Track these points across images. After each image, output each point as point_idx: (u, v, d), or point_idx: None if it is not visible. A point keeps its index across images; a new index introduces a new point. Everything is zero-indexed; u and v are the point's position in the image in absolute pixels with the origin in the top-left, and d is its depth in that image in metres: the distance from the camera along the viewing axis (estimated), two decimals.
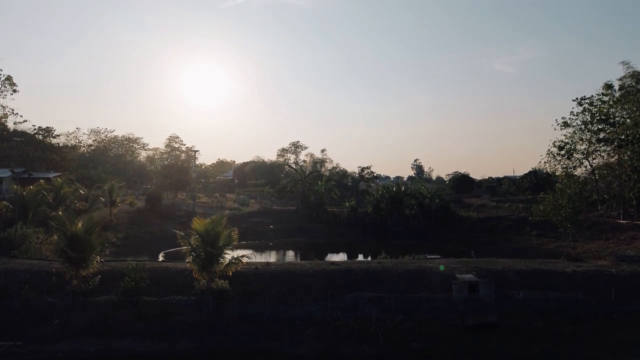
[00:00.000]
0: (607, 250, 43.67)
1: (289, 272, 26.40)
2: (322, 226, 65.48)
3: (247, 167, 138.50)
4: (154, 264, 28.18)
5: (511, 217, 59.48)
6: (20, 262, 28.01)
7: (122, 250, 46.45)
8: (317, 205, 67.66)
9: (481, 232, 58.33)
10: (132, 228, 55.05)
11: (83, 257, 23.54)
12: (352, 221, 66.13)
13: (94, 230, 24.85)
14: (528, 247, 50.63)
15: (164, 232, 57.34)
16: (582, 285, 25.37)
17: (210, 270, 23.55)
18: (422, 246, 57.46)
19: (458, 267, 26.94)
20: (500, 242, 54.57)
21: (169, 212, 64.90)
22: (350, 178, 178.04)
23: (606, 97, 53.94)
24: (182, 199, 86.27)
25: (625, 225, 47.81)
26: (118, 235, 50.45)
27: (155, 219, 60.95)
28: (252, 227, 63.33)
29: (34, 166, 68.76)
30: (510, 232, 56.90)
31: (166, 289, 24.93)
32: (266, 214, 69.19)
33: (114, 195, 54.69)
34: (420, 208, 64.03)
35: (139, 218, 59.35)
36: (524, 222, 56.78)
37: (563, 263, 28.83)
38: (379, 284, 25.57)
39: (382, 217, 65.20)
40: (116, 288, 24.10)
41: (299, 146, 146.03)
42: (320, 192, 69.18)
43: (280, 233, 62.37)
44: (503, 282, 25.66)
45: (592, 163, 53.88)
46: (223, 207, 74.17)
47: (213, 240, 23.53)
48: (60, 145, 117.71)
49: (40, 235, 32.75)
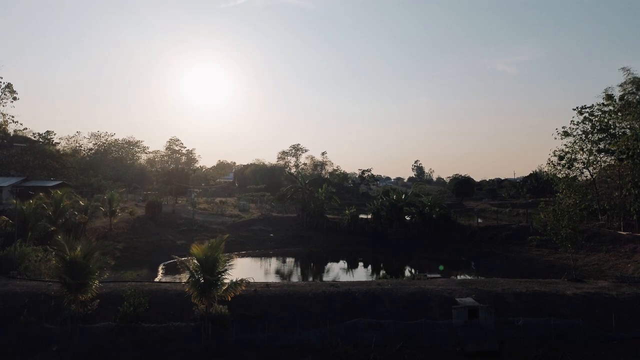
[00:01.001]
0: (607, 264, 43.65)
1: (288, 295, 26.30)
2: (322, 234, 65.49)
3: (248, 170, 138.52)
4: (153, 285, 28.08)
5: (511, 227, 59.34)
6: (20, 283, 27.95)
7: (122, 262, 46.53)
8: (317, 213, 67.62)
9: (481, 242, 58.21)
10: (132, 238, 55.00)
11: (81, 283, 23.46)
12: (352, 229, 66.13)
13: (93, 255, 24.75)
14: (528, 258, 50.55)
15: (163, 242, 57.44)
16: (582, 310, 25.27)
17: (209, 295, 23.46)
18: (422, 256, 57.55)
19: (458, 290, 26.84)
20: (500, 252, 54.49)
21: (169, 220, 64.87)
22: (350, 181, 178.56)
23: (607, 107, 53.84)
24: (182, 204, 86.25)
25: (625, 237, 47.66)
26: (118, 246, 50.44)
27: (156, 228, 60.95)
28: (252, 236, 63.35)
29: (35, 173, 68.80)
30: (510, 241, 56.76)
31: (165, 313, 24.85)
32: (266, 222, 69.14)
33: (114, 205, 54.62)
34: (420, 216, 63.92)
35: (139, 227, 59.32)
36: (524, 232, 56.64)
37: (563, 284, 28.71)
38: (378, 307, 25.48)
39: (382, 225, 65.17)
40: (115, 313, 24.02)
41: (300, 149, 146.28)
42: (320, 200, 69.10)
43: (280, 242, 62.32)
44: (503, 305, 25.56)
45: (592, 173, 53.63)
46: (223, 214, 74.15)
47: (211, 267, 23.42)
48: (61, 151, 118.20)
49: (40, 253, 32.64)
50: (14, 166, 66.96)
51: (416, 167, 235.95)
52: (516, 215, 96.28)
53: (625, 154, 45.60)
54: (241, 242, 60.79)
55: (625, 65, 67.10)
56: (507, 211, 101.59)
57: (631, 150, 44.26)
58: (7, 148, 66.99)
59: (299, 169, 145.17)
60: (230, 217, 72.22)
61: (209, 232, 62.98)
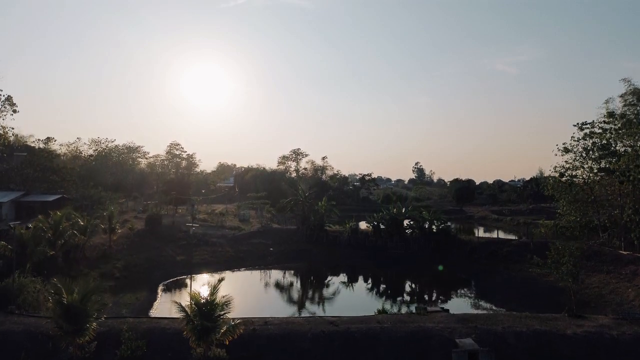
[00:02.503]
0: (608, 287, 43.44)
1: (286, 334, 26.16)
2: (322, 248, 65.40)
3: (248, 175, 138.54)
4: (152, 322, 27.96)
5: (512, 243, 59.19)
6: (17, 319, 27.83)
7: (121, 283, 46.52)
8: (318, 227, 67.52)
9: (481, 258, 57.99)
10: (131, 254, 54.93)
11: (79, 327, 23.36)
12: (352, 242, 65.99)
13: (91, 298, 24.61)
14: (529, 277, 50.19)
15: (163, 257, 57.43)
16: (583, 351, 25.16)
17: (207, 340, 23.33)
18: (422, 274, 57.52)
19: (458, 328, 26.70)
20: (501, 269, 54.29)
21: (169, 234, 64.76)
22: (351, 185, 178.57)
23: (608, 124, 53.62)
24: (182, 214, 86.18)
25: (626, 257, 47.42)
26: (117, 264, 50.45)
27: (155, 242, 60.84)
28: (252, 250, 63.29)
29: (35, 186, 68.73)
30: (510, 258, 56.45)
31: (163, 355, 24.75)
32: (266, 234, 69.03)
33: (113, 222, 54.54)
34: (420, 231, 63.77)
35: (138, 242, 59.24)
36: (524, 249, 56.43)
37: (564, 320, 28.56)
38: (378, 348, 25.38)
39: (382, 238, 65.06)
40: (113, 356, 23.93)
41: (300, 153, 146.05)
42: (320, 213, 68.98)
43: (280, 257, 62.24)
44: (503, 346, 25.43)
45: (593, 191, 53.37)
46: (223, 226, 74.09)
47: (209, 312, 23.29)
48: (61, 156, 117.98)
49: (38, 285, 32.52)
50: (14, 179, 66.82)
51: (417, 169, 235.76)
52: (516, 225, 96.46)
53: (625, 176, 45.37)
54: (241, 258, 60.77)
55: (625, 63, 67.69)
56: (508, 220, 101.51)
57: (632, 175, 44.02)
58: (7, 160, 66.78)
59: (299, 173, 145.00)
60: (230, 229, 72.13)
61: (209, 245, 63.06)
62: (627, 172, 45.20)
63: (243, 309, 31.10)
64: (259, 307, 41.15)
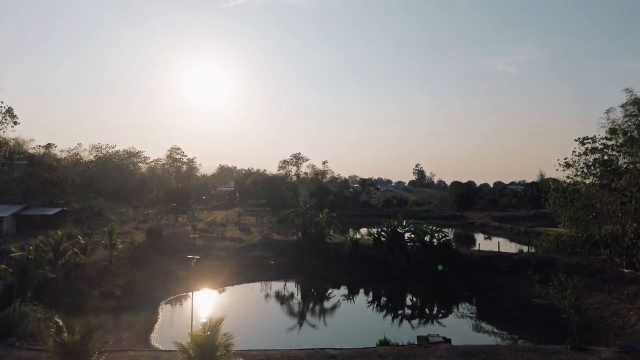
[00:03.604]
0: (609, 309, 43.27)
1: None
2: (323, 261, 65.31)
3: (249, 179, 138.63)
4: (152, 356, 27.93)
5: (512, 257, 59.05)
6: (18, 353, 27.78)
7: (122, 302, 46.35)
8: (318, 239, 67.49)
9: (482, 272, 57.92)
10: (132, 269, 54.71)
11: None
12: (352, 255, 65.90)
13: (92, 337, 24.49)
14: (531, 295, 49.88)
15: (164, 273, 57.33)
16: None
17: None
18: (424, 290, 57.67)
19: None
20: (502, 284, 54.24)
21: (169, 246, 64.75)
22: (352, 188, 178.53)
23: (610, 141, 53.41)
24: (182, 222, 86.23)
25: (628, 276, 47.28)
26: (118, 282, 50.23)
27: (156, 256, 60.75)
28: (252, 264, 63.29)
29: (35, 197, 68.68)
30: (512, 273, 56.33)
31: None
32: (267, 246, 69.01)
33: (114, 237, 54.46)
34: (421, 245, 63.70)
35: (139, 256, 59.02)
36: (526, 264, 56.39)
37: (566, 354, 28.46)
38: None
39: (383, 251, 64.99)
40: None
41: (301, 158, 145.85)
42: (321, 225, 68.93)
43: (280, 270, 62.26)
44: None
45: (595, 208, 53.16)
46: (224, 237, 74.06)
47: (211, 353, 23.17)
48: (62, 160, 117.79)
49: (39, 314, 32.45)
50: (14, 191, 66.77)
51: (417, 171, 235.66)
52: (517, 234, 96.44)
53: (627, 196, 45.18)
54: (242, 271, 60.77)
55: (625, 63, 67.27)
56: (509, 228, 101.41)
57: (634, 198, 43.84)
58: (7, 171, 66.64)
59: (300, 178, 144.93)
60: (231, 240, 72.13)
61: (210, 259, 63.02)
62: (628, 193, 45.02)
63: (243, 336, 30.99)
64: (260, 331, 41.18)
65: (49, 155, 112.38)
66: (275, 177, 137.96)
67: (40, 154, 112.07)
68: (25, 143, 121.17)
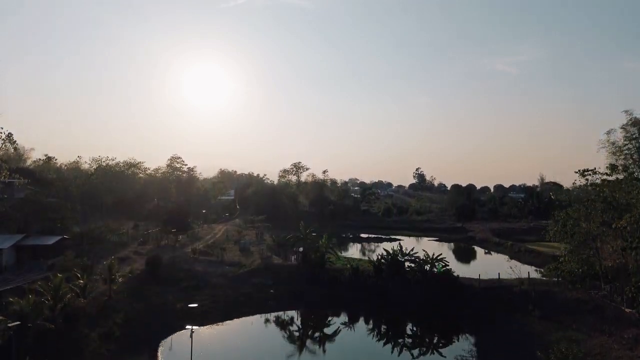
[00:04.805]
0: (610, 354, 43.02)
1: None
2: (323, 288, 65.16)
3: (249, 190, 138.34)
4: None
5: (513, 290, 59.03)
6: None
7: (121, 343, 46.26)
8: (318, 265, 67.49)
9: (482, 304, 57.86)
10: (131, 302, 54.71)
11: None
12: (353, 283, 65.79)
13: None
14: (531, 333, 49.92)
15: (163, 306, 57.26)
16: None
17: None
18: (423, 320, 57.92)
19: None
20: (502, 318, 54.32)
21: (169, 275, 64.68)
22: (352, 192, 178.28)
23: (610, 176, 53.13)
24: (183, 242, 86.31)
25: (629, 318, 47.10)
26: (117, 319, 50.17)
27: (156, 286, 60.65)
28: (252, 293, 63.18)
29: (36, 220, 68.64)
30: (511, 305, 56.38)
31: None
32: (267, 272, 69.06)
33: (113, 272, 54.40)
34: (421, 274, 63.60)
35: (138, 287, 58.96)
36: (526, 297, 56.44)
37: None
38: None
39: (383, 279, 64.93)
40: None
41: (301, 167, 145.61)
42: (321, 251, 68.91)
43: (280, 300, 62.19)
44: None
45: (596, 244, 52.95)
46: (223, 262, 74.13)
47: None
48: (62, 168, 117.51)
49: None
50: (14, 217, 66.73)
51: (417, 175, 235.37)
52: (517, 252, 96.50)
53: (627, 241, 44.90)
54: (241, 302, 60.72)
55: (625, 63, 67.43)
56: (509, 245, 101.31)
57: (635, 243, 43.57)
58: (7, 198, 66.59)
59: (300, 187, 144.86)
60: (230, 265, 72.10)
61: (209, 288, 63.12)
62: (629, 237, 44.75)
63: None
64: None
65: (48, 167, 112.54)
66: (276, 187, 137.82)
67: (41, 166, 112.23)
68: (26, 152, 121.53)
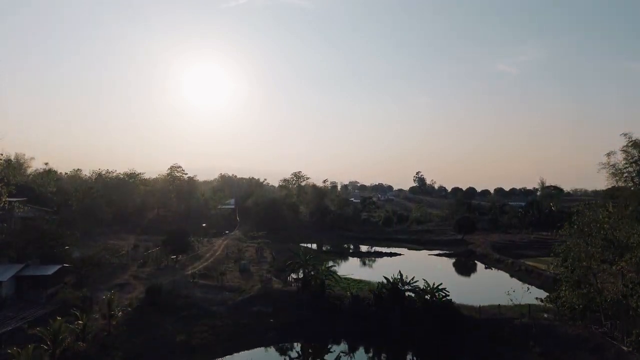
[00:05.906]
0: None
1: None
2: (323, 315, 65.13)
3: (249, 200, 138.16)
4: None
5: (514, 323, 58.89)
6: None
7: None
8: (319, 293, 67.41)
9: (483, 336, 57.82)
10: (131, 337, 54.58)
11: None
12: (353, 311, 65.73)
13: None
14: None
15: (164, 337, 57.19)
16: None
17: None
18: (424, 353, 57.98)
19: None
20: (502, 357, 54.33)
21: (168, 303, 64.56)
22: (352, 199, 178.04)
23: (611, 213, 52.89)
24: (182, 262, 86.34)
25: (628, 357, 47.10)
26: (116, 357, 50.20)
27: (155, 317, 60.55)
28: (251, 323, 63.01)
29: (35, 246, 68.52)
30: (513, 338, 56.31)
31: None
32: (266, 299, 68.92)
33: (112, 307, 54.35)
34: (422, 303, 63.47)
35: (138, 319, 58.87)
36: (526, 331, 56.32)
37: None
38: None
39: (383, 308, 64.84)
40: None
41: (301, 177, 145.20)
42: (321, 278, 68.83)
43: (280, 330, 62.04)
44: None
45: (597, 282, 52.75)
46: (223, 287, 74.11)
47: None
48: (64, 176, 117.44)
49: None
50: (12, 244, 66.67)
51: (417, 178, 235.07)
52: (518, 271, 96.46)
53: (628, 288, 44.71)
54: (241, 333, 60.63)
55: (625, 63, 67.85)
56: (510, 263, 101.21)
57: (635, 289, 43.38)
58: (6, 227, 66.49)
59: (300, 198, 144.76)
60: (230, 291, 72.06)
61: (209, 317, 63.02)
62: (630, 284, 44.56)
63: None
64: None
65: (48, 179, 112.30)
66: (276, 198, 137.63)
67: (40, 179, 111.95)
68: (26, 162, 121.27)
